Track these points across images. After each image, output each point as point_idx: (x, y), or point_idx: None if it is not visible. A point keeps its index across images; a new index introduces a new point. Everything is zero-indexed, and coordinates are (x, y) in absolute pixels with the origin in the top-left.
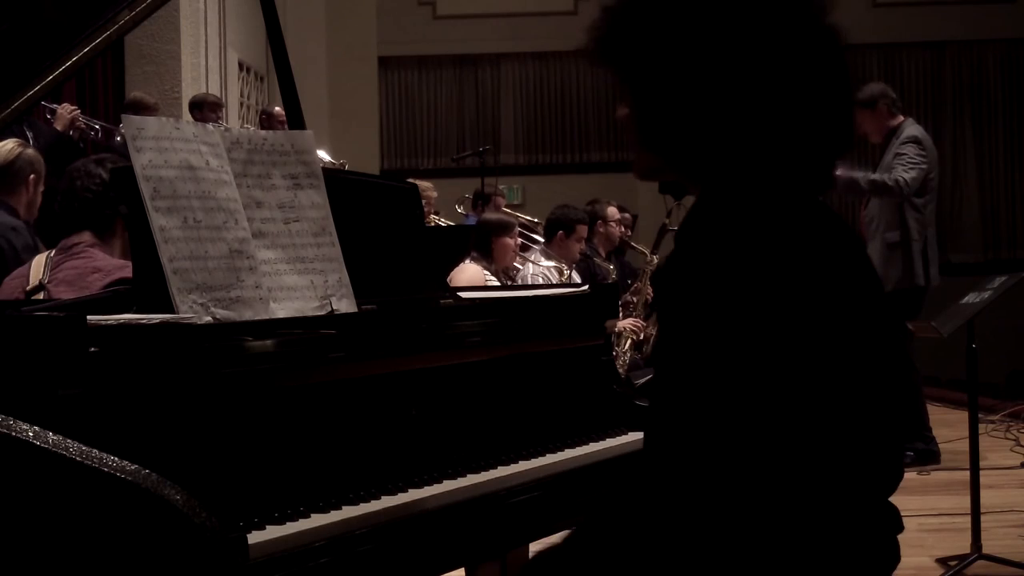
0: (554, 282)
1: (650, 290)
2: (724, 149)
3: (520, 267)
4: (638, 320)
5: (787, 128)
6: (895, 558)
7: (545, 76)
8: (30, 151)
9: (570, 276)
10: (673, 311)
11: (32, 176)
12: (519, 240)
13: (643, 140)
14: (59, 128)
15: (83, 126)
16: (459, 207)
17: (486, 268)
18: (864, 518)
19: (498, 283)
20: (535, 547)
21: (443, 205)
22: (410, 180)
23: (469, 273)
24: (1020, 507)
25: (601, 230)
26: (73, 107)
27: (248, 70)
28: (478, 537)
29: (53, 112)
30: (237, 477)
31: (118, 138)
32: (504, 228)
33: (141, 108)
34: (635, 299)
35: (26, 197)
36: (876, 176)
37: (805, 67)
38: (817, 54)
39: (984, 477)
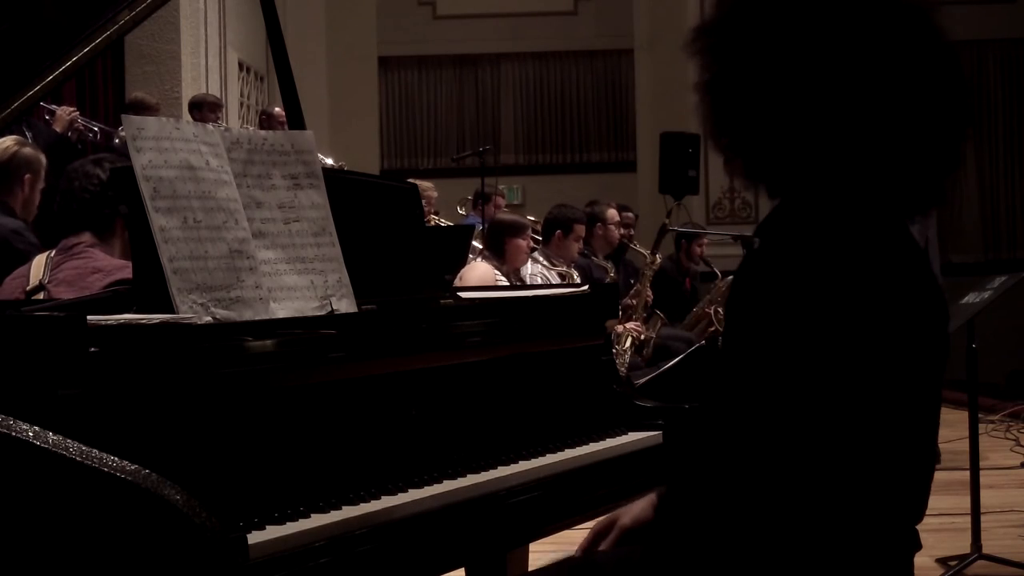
0: (552, 281)
1: (650, 292)
2: (828, 158)
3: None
4: (639, 324)
5: (893, 143)
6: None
7: (545, 76)
8: (27, 150)
9: (571, 276)
10: (749, 318)
11: (28, 175)
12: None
13: (734, 143)
14: (58, 130)
15: (82, 128)
16: (460, 208)
17: (497, 268)
18: (891, 543)
19: (507, 283)
20: (535, 547)
21: (443, 205)
22: (411, 180)
23: (480, 272)
24: (1020, 507)
25: (600, 232)
26: (72, 109)
27: (248, 70)
28: (478, 537)
29: (52, 113)
30: (237, 477)
31: (117, 140)
32: (518, 229)
33: (142, 108)
34: (635, 301)
35: (22, 196)
36: None
37: (919, 81)
38: (933, 69)
39: (984, 477)
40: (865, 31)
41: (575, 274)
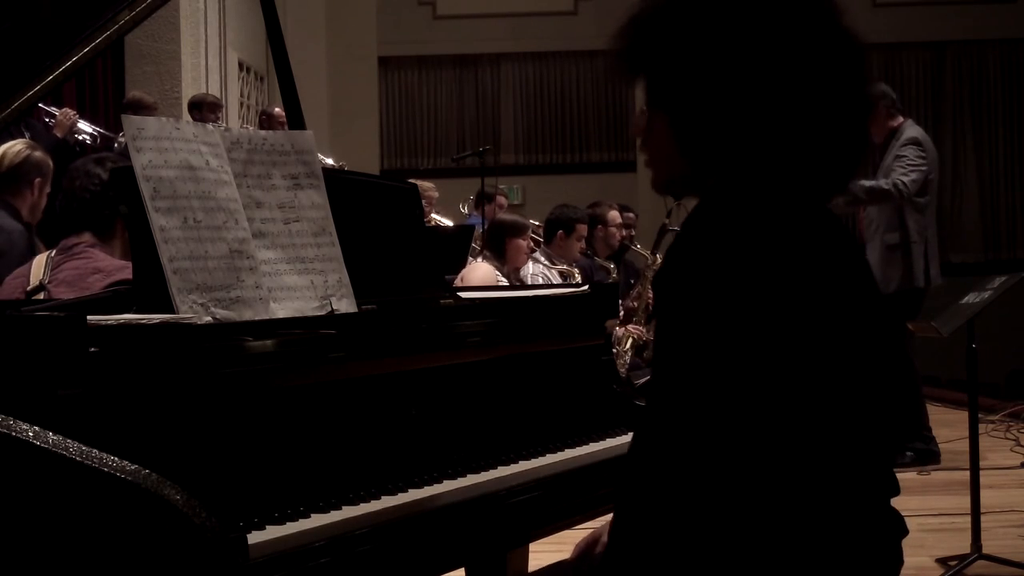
0: (553, 280)
1: (651, 294)
2: (736, 151)
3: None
4: (639, 327)
5: (798, 131)
6: (898, 561)
7: (545, 76)
8: (38, 154)
9: (573, 275)
10: (672, 312)
11: (38, 179)
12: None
13: (679, 141)
14: (59, 135)
15: (81, 132)
16: (463, 207)
17: (498, 268)
18: (863, 521)
19: (508, 283)
20: (535, 547)
21: (444, 205)
22: (413, 180)
23: (481, 272)
24: (1020, 507)
25: (601, 234)
26: (72, 112)
27: (248, 70)
28: (478, 537)
29: (52, 116)
30: (237, 477)
31: (116, 144)
32: (518, 229)
33: (140, 107)
34: (636, 304)
35: (30, 200)
36: (872, 183)
37: (820, 70)
38: (833, 58)
39: (984, 477)
40: (767, 24)
41: (576, 272)
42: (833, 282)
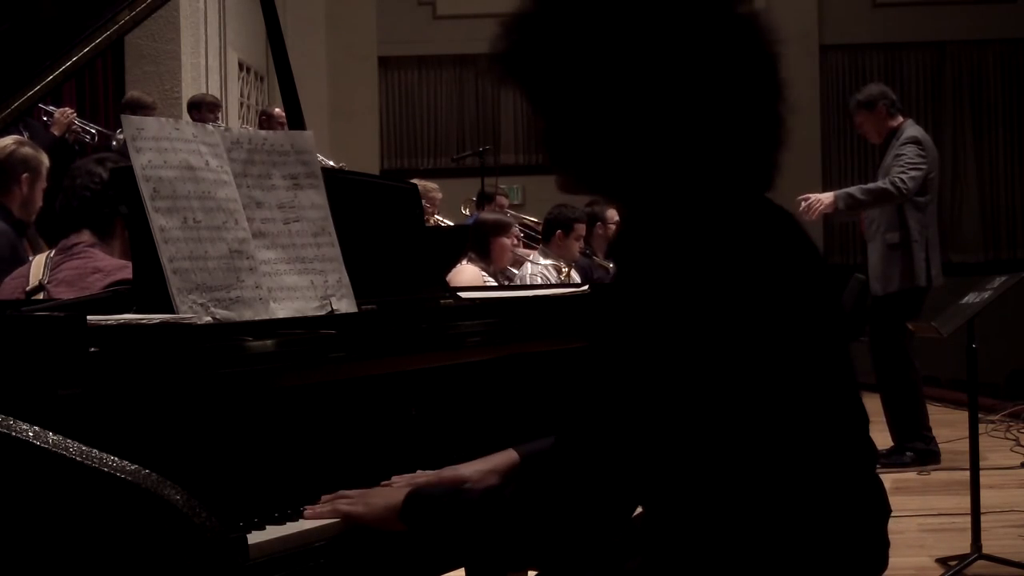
0: (552, 280)
1: None
2: (645, 160)
3: (516, 271)
4: None
5: (707, 129)
6: (883, 543)
7: None
8: (26, 149)
9: (569, 275)
10: (614, 335)
11: (26, 175)
12: (521, 240)
13: (556, 159)
14: (56, 133)
15: (79, 130)
16: (464, 209)
17: (484, 269)
18: (840, 503)
19: (495, 284)
20: None
21: (444, 205)
22: (416, 181)
23: (467, 275)
24: (1020, 507)
25: (600, 232)
26: (70, 111)
27: (248, 70)
28: None
29: (50, 115)
30: (237, 477)
31: (114, 142)
32: (501, 228)
33: (139, 107)
34: None
35: (20, 196)
36: (871, 185)
37: (718, 63)
38: (732, 47)
39: (984, 477)
40: (657, 22)
41: (563, 266)
42: (775, 266)
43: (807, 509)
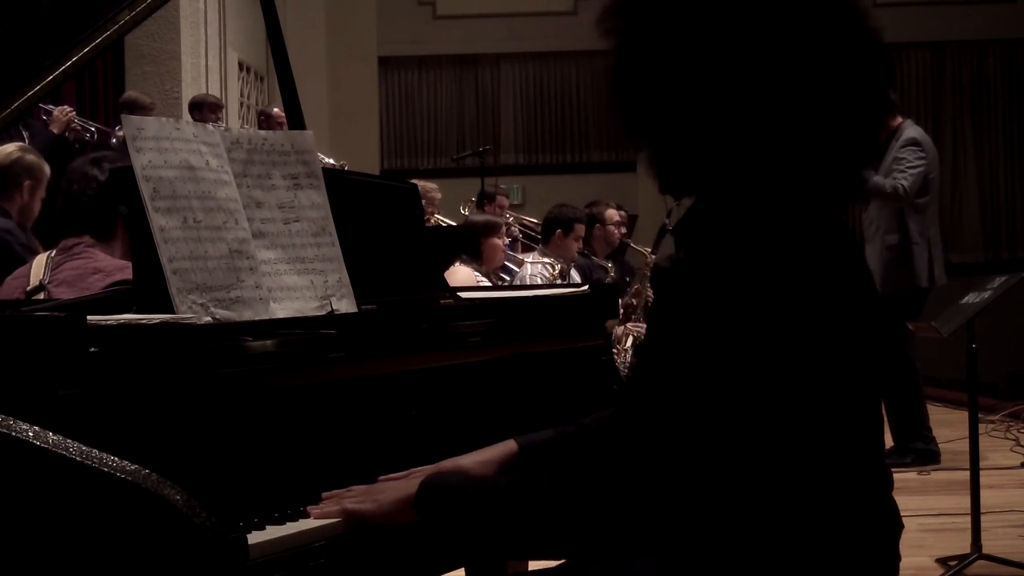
0: (547, 279)
1: (650, 292)
2: (741, 153)
3: (517, 269)
4: (640, 325)
5: (810, 134)
6: (895, 557)
7: (545, 76)
8: (30, 157)
9: (568, 275)
10: (674, 316)
11: (28, 182)
12: (520, 241)
13: (641, 130)
14: (55, 131)
15: (79, 128)
16: (464, 209)
17: (476, 270)
18: (860, 518)
19: (489, 284)
20: None
21: (444, 205)
22: (417, 181)
23: (461, 276)
24: (1020, 507)
25: (599, 233)
26: (69, 109)
27: (248, 70)
28: None
29: (49, 114)
30: (237, 477)
31: (114, 140)
32: (492, 228)
33: (137, 107)
34: (635, 301)
35: (20, 202)
36: (877, 178)
37: (839, 70)
38: (854, 57)
39: (984, 477)
40: (781, 14)
41: (559, 264)
42: (832, 285)
43: (826, 525)
